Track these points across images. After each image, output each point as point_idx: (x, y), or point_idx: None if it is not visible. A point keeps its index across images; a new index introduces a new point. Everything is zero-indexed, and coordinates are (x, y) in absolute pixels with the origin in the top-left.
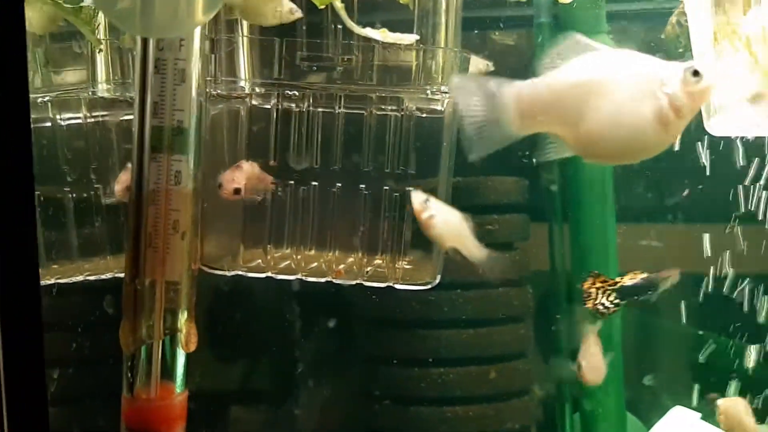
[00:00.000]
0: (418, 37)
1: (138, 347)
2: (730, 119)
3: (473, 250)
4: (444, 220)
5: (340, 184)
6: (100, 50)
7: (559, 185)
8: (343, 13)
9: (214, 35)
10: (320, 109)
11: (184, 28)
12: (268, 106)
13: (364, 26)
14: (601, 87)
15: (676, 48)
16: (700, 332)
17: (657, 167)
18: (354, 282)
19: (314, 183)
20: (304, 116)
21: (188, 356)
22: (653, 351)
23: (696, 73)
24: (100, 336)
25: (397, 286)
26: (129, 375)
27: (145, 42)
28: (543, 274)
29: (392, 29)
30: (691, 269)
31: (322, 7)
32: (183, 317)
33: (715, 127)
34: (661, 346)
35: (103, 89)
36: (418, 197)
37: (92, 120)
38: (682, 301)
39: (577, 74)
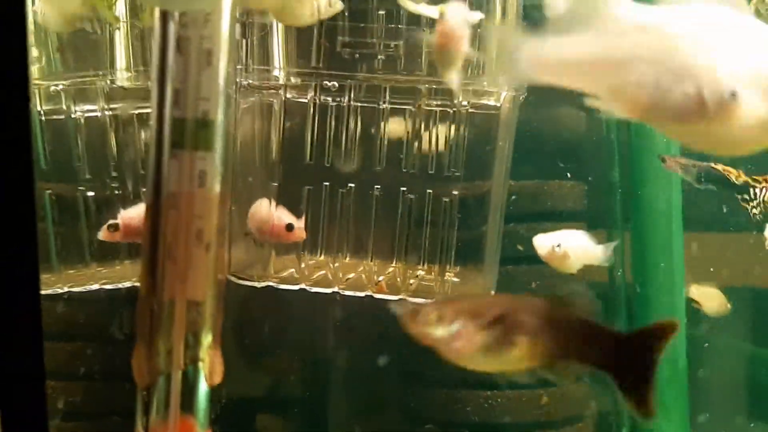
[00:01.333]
0: (483, 16)
1: (154, 380)
2: None
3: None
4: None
5: (380, 186)
6: (117, 28)
7: (620, 188)
8: None
9: (246, 18)
10: (361, 104)
11: None
12: (305, 100)
13: (402, 15)
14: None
15: None
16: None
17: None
18: (397, 297)
19: (352, 184)
20: (344, 111)
21: (212, 388)
22: (720, 374)
23: None
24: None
25: None
26: (143, 408)
27: (164, 16)
28: (601, 287)
29: None
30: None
31: None
32: (207, 344)
33: None
34: (729, 369)
35: (122, 78)
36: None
37: (111, 112)
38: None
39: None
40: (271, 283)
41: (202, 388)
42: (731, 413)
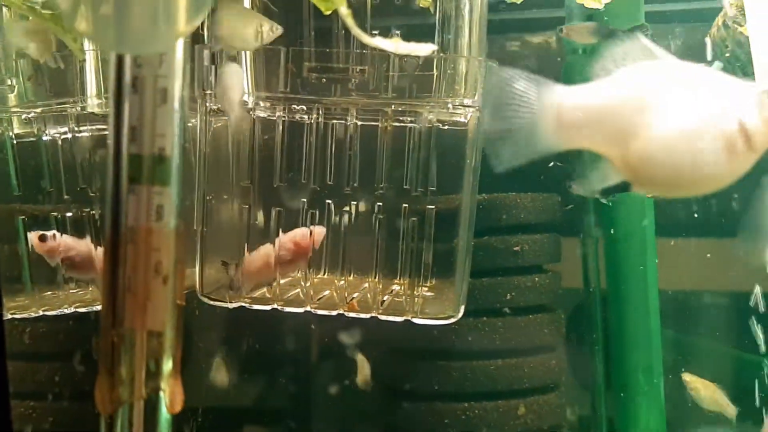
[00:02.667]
0: (435, 48)
1: (116, 408)
2: None
3: None
4: None
5: (354, 202)
6: (83, 60)
7: (593, 197)
8: (349, 21)
9: (214, 47)
10: (333, 121)
11: (164, 41)
12: (274, 118)
13: (378, 32)
14: (659, 103)
15: (721, 53)
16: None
17: None
18: (368, 315)
19: (328, 201)
20: (314, 129)
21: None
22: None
23: None
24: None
25: (416, 321)
26: None
27: (120, 57)
28: (576, 293)
29: (410, 34)
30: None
31: (329, 13)
32: (167, 373)
33: None
34: (705, 370)
35: (93, 104)
36: None
37: (81, 135)
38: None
39: (631, 84)
40: (243, 304)
41: (164, 416)
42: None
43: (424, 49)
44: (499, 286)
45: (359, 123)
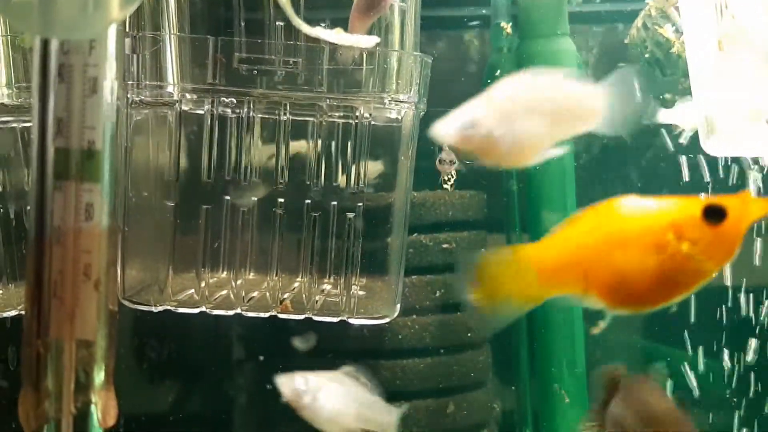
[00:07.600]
0: (378, 39)
1: (42, 424)
2: (732, 137)
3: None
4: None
5: (283, 199)
6: None
7: (517, 194)
8: (289, 10)
9: (137, 32)
10: (260, 115)
11: (95, 26)
12: (201, 111)
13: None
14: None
15: (641, 53)
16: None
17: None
18: (302, 316)
19: (254, 198)
20: (243, 123)
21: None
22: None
23: None
24: None
25: (351, 321)
26: None
27: (45, 43)
28: None
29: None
30: None
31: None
32: (99, 385)
33: (713, 146)
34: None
35: (2, 95)
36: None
37: None
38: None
39: None
40: (168, 307)
41: (96, 431)
42: None
43: (366, 41)
44: (429, 284)
45: (290, 118)
